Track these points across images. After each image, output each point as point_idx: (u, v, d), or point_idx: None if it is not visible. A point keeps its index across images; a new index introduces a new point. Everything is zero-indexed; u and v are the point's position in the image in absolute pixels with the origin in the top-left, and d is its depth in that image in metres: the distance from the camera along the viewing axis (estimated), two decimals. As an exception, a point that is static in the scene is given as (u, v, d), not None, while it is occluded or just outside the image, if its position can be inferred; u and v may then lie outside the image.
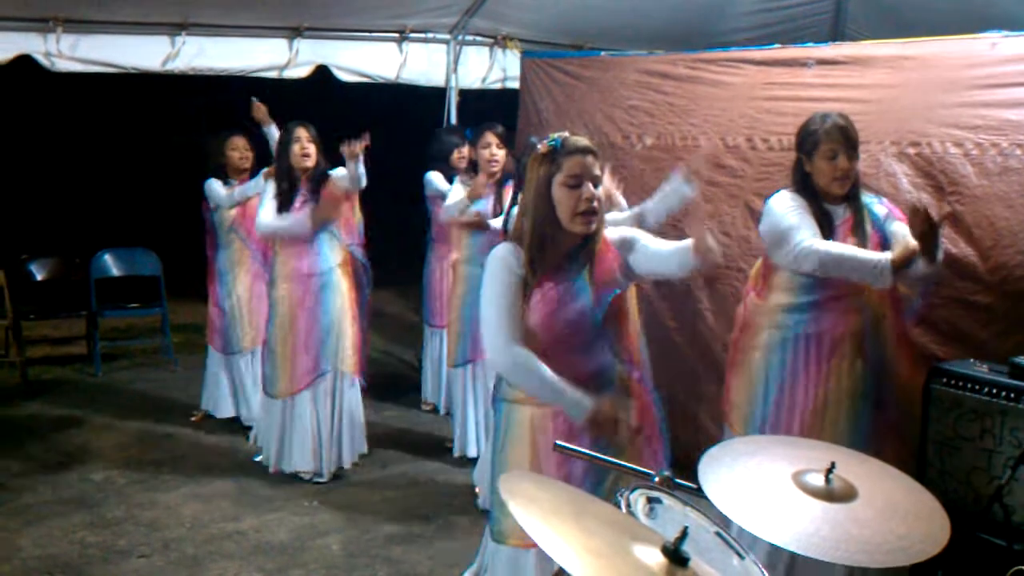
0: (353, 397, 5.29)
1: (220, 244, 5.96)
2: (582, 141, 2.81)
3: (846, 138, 3.57)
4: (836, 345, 3.63)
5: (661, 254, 2.83)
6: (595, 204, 2.77)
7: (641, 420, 2.88)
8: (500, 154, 5.24)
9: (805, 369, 3.67)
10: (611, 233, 2.89)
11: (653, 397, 2.99)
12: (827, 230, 3.58)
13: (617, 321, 2.88)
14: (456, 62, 6.94)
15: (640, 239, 2.87)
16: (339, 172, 5.14)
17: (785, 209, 3.61)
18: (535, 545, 2.89)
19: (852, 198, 3.62)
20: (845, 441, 3.53)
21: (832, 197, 3.61)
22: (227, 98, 10.47)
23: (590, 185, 2.76)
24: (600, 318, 2.82)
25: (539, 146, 2.84)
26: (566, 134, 2.84)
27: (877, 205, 3.65)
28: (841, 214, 3.63)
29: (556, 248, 2.83)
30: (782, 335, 3.70)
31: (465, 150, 6.04)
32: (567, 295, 2.81)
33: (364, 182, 5.18)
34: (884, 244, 3.56)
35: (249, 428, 5.79)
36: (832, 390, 3.65)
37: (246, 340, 5.97)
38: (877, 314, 3.63)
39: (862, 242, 3.55)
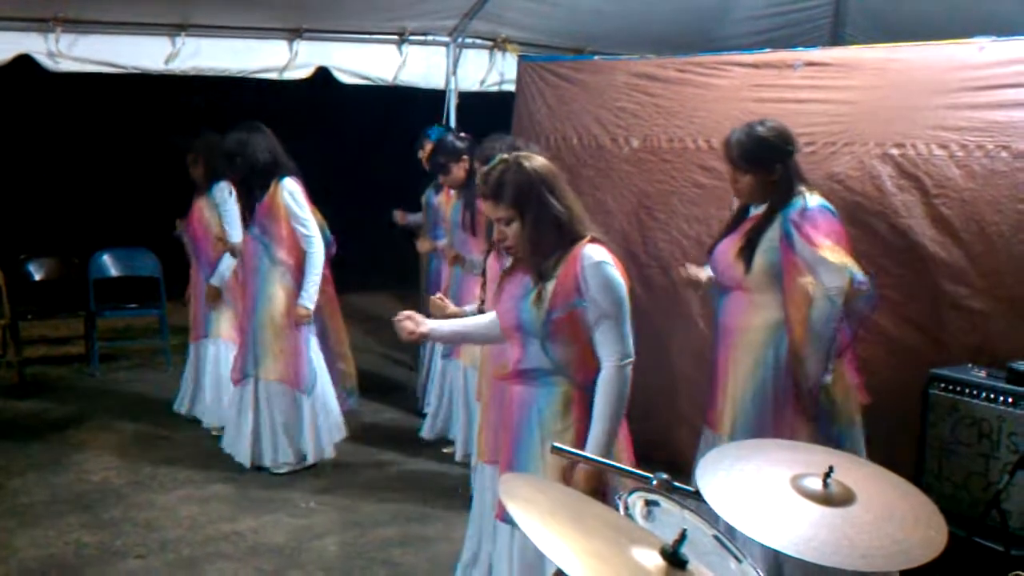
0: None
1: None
2: (482, 185, 2.94)
3: (728, 155, 3.75)
4: (732, 336, 3.80)
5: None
6: (506, 243, 2.95)
7: (578, 414, 2.98)
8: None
9: (719, 358, 3.89)
10: (590, 256, 2.91)
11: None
12: (734, 224, 3.84)
13: (567, 335, 2.92)
14: (455, 64, 6.95)
15: (594, 311, 2.90)
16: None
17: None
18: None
19: (772, 201, 3.71)
20: (741, 428, 3.71)
21: None
22: (227, 99, 10.52)
23: (499, 227, 2.92)
24: (543, 325, 2.91)
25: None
26: (485, 169, 2.99)
27: (794, 215, 3.64)
28: (755, 212, 3.80)
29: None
30: (714, 326, 4.00)
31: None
32: (519, 286, 2.99)
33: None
34: (787, 255, 3.62)
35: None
36: (731, 379, 3.81)
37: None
38: (779, 315, 3.70)
39: (750, 244, 3.67)
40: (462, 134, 5.46)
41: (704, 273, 4.00)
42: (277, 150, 5.13)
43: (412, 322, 3.18)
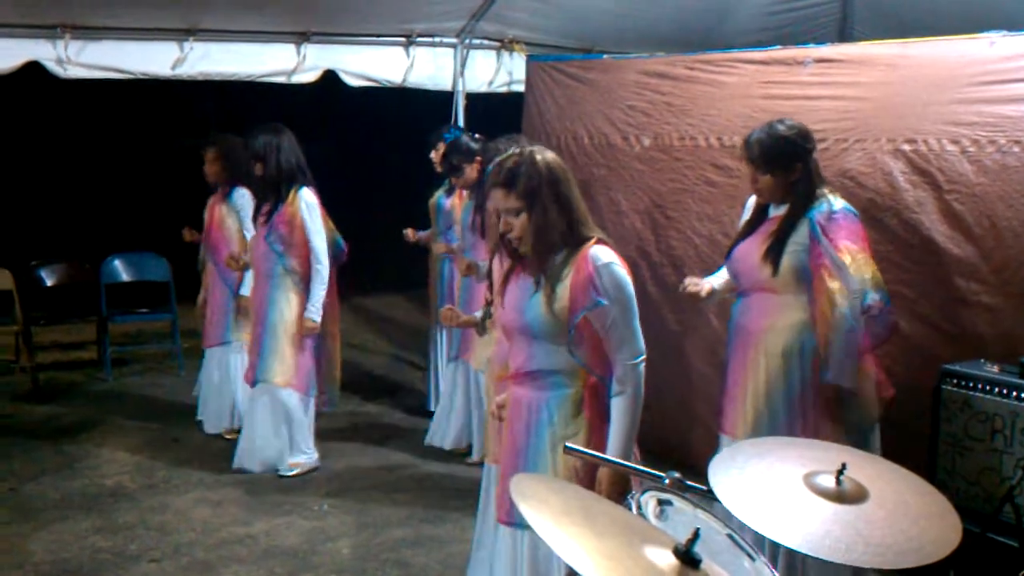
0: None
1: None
2: (495, 174, 2.93)
3: (748, 155, 3.70)
4: (754, 339, 3.73)
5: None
6: (511, 235, 2.92)
7: (590, 412, 2.96)
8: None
9: (735, 360, 3.84)
10: (600, 257, 2.89)
11: (607, 394, 2.98)
12: (754, 225, 3.80)
13: (587, 335, 2.91)
14: (463, 66, 6.95)
15: (608, 317, 2.89)
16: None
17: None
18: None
19: (795, 201, 3.67)
20: (763, 429, 3.63)
21: None
22: (235, 103, 10.54)
23: (506, 217, 2.90)
24: (569, 331, 2.88)
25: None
26: (497, 160, 2.99)
27: (821, 218, 3.60)
28: (775, 212, 3.75)
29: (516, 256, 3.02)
30: (729, 327, 3.94)
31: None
32: (522, 288, 2.97)
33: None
34: (815, 258, 3.58)
35: None
36: (751, 381, 3.75)
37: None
38: (805, 316, 3.64)
39: (778, 246, 3.63)
40: (476, 135, 5.45)
41: (706, 285, 3.93)
42: (300, 156, 5.21)
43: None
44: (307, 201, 5.14)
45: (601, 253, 2.88)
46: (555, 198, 2.89)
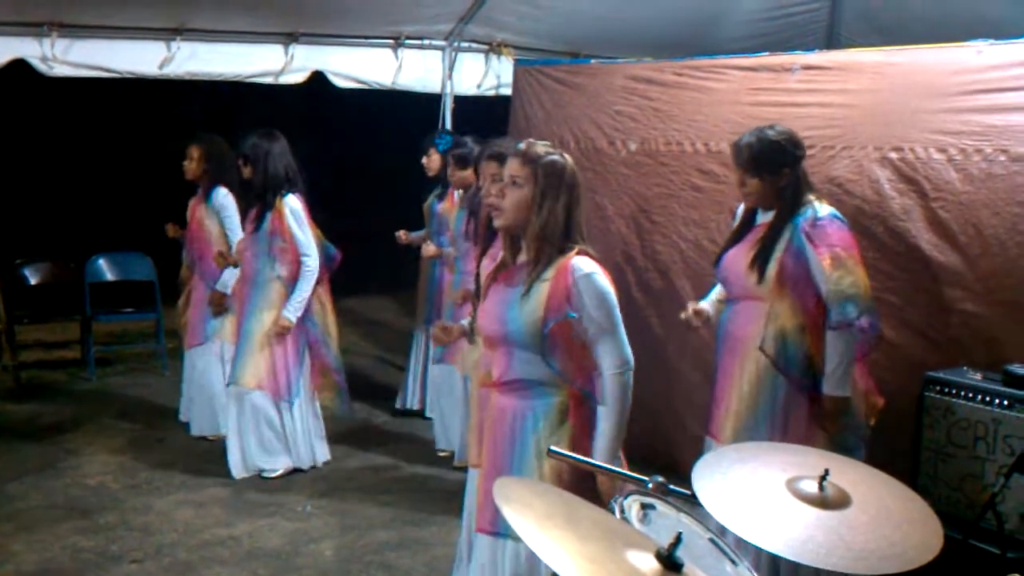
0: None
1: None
2: (523, 150, 2.97)
3: (737, 160, 3.72)
4: (741, 346, 3.73)
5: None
6: (498, 203, 2.96)
7: (575, 420, 2.96)
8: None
9: (722, 367, 3.84)
10: (580, 267, 2.90)
11: (590, 402, 2.98)
12: (742, 232, 3.80)
13: (562, 343, 2.91)
14: (451, 69, 6.95)
15: (593, 327, 2.90)
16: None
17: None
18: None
19: (781, 207, 3.67)
20: (745, 436, 3.60)
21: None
22: (222, 103, 10.51)
23: (505, 185, 2.95)
24: (541, 339, 2.88)
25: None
26: (531, 140, 3.04)
27: (806, 225, 3.60)
28: (762, 219, 3.76)
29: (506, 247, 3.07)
30: (717, 333, 3.92)
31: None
32: (503, 297, 2.97)
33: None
34: (796, 264, 3.58)
35: None
36: (735, 387, 3.74)
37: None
38: (786, 324, 3.62)
39: (764, 253, 3.63)
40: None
41: (705, 308, 3.90)
42: (291, 163, 5.21)
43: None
44: (291, 207, 5.13)
45: (582, 263, 2.89)
46: (567, 199, 2.92)
